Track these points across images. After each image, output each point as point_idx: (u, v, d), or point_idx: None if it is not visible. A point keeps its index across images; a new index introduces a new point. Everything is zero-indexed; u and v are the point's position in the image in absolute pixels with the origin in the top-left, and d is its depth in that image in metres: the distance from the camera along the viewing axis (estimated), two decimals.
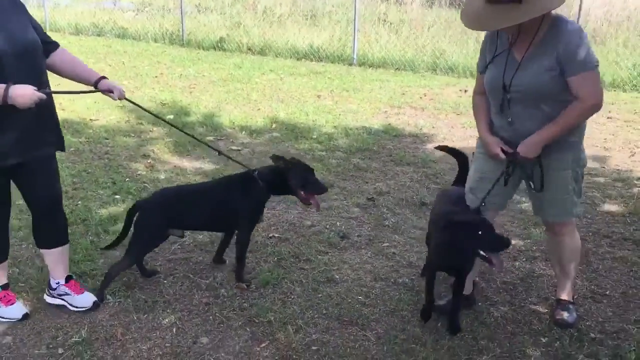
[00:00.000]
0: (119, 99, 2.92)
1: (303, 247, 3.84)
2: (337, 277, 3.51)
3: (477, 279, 3.41)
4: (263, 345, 2.87)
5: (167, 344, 2.86)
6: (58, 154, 3.04)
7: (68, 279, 3.14)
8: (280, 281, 3.42)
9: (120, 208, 4.33)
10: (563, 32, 2.54)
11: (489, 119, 2.88)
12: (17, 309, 3.02)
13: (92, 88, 2.95)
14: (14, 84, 2.47)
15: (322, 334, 2.97)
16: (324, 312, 3.15)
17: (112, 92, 2.88)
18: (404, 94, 8.54)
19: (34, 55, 2.66)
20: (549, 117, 2.64)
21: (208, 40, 12.55)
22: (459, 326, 2.99)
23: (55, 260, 3.10)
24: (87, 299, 3.09)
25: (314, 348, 2.85)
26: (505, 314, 3.17)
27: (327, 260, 3.70)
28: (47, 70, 2.84)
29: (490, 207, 2.94)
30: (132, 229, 3.28)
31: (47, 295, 3.16)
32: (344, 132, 6.52)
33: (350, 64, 10.86)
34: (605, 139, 6.48)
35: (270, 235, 4.01)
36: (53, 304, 3.14)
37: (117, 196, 4.56)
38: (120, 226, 4.02)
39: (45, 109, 2.71)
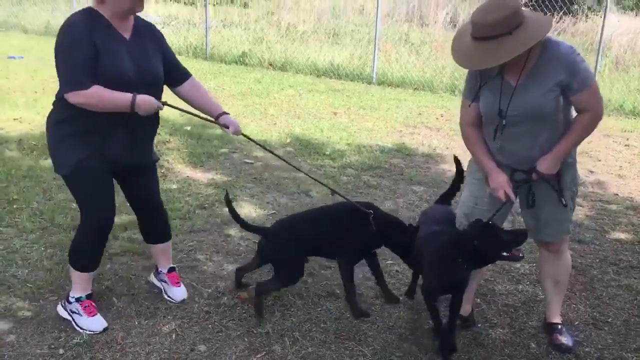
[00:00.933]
0: (235, 134, 3.06)
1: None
2: (339, 291, 3.53)
3: (478, 300, 3.41)
4: (259, 355, 2.91)
5: (165, 350, 2.91)
6: None
7: (170, 270, 3.41)
8: (282, 294, 3.46)
9: (130, 215, 4.40)
10: (559, 55, 2.59)
11: (488, 148, 2.84)
12: (98, 322, 3.04)
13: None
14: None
15: (318, 347, 2.99)
16: (322, 325, 3.18)
17: (228, 127, 3.04)
18: (420, 113, 8.57)
19: (158, 87, 2.93)
20: (542, 138, 2.68)
21: (231, 54, 12.74)
22: (454, 346, 2.99)
23: (159, 253, 3.40)
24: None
25: None
26: (503, 336, 3.17)
27: (330, 275, 3.73)
28: (177, 97, 3.14)
29: None
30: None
31: (153, 275, 3.46)
32: (357, 149, 6.57)
33: (370, 83, 10.94)
34: (620, 166, 6.43)
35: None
36: (155, 284, 3.45)
37: (127, 203, 4.64)
38: (130, 233, 4.13)
39: (155, 123, 3.02)
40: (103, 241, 3.07)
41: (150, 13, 16.86)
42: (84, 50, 2.63)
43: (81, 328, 3.02)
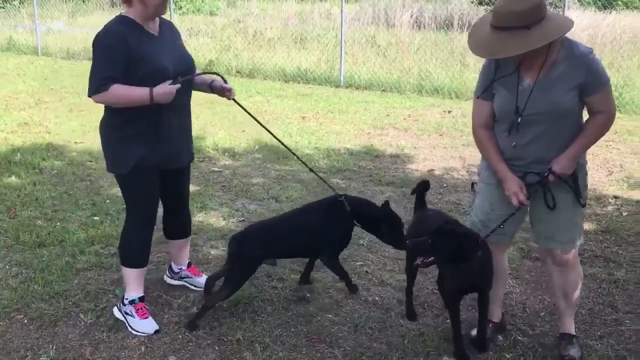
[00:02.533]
0: (229, 93, 3.22)
1: (277, 266, 3.87)
2: (309, 295, 3.55)
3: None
4: None
5: None
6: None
7: (189, 264, 3.62)
8: (252, 300, 3.46)
9: (98, 229, 4.37)
10: (579, 55, 2.59)
11: (501, 153, 2.81)
12: (150, 324, 3.16)
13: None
14: (175, 98, 2.89)
15: (289, 351, 3.00)
16: (293, 330, 3.19)
17: (226, 82, 3.22)
18: (388, 115, 8.65)
19: (191, 73, 3.09)
20: (557, 138, 2.67)
21: (197, 63, 12.63)
22: (485, 344, 3.01)
23: (179, 249, 3.54)
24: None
25: None
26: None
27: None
28: None
29: (504, 239, 2.97)
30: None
31: (168, 276, 3.61)
32: (326, 153, 6.60)
33: (337, 86, 10.99)
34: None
35: None
36: (173, 285, 3.61)
37: (95, 217, 4.61)
38: (97, 247, 4.09)
39: (188, 124, 3.23)
40: (150, 235, 3.25)
41: None
42: (112, 55, 2.82)
43: (134, 330, 3.13)
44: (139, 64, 2.84)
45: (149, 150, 3.00)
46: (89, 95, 2.87)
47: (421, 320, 3.31)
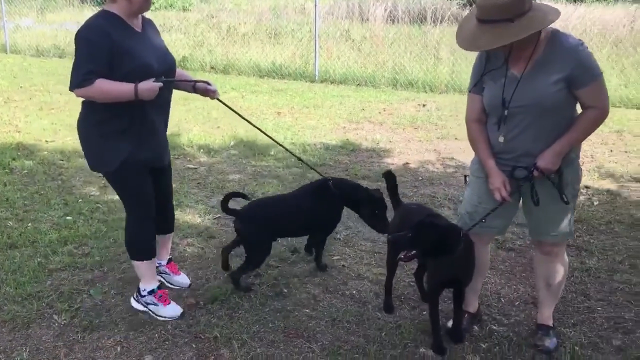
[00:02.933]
0: (213, 94, 3.27)
1: None
2: (286, 290, 3.54)
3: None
4: None
5: None
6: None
7: (169, 260, 3.62)
8: (229, 297, 3.44)
9: (71, 229, 4.31)
10: (567, 47, 2.55)
11: (490, 148, 2.82)
12: (175, 309, 3.26)
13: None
14: (158, 96, 2.92)
15: (267, 347, 3.00)
16: (270, 325, 3.18)
17: (210, 84, 3.26)
18: (363, 109, 8.66)
19: (173, 71, 3.12)
20: (544, 132, 2.65)
21: None
22: (461, 335, 3.05)
23: (162, 244, 3.52)
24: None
25: None
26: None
27: (277, 274, 3.74)
28: None
29: (489, 231, 2.97)
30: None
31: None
32: (302, 148, 6.59)
33: (312, 81, 10.98)
34: None
35: None
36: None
37: (68, 217, 4.54)
38: (70, 247, 4.03)
39: (167, 122, 3.25)
40: (152, 226, 3.25)
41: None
42: (95, 49, 2.78)
43: (161, 317, 3.22)
44: (124, 59, 2.82)
45: (136, 146, 2.99)
46: (71, 89, 2.82)
47: (398, 313, 3.33)
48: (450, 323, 3.11)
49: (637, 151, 6.62)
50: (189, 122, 7.65)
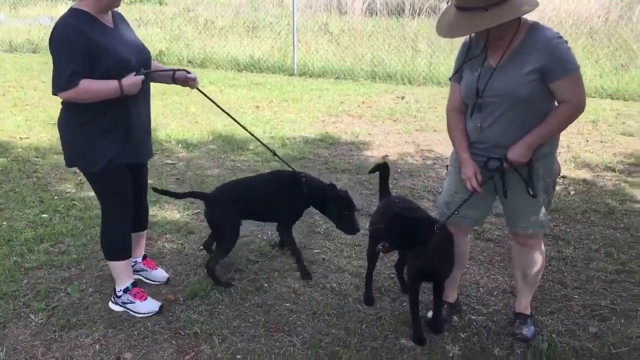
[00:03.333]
0: (193, 83, 3.32)
1: (233, 257, 3.85)
2: (266, 285, 3.54)
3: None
4: (188, 357, 2.87)
5: None
6: None
7: (144, 257, 3.59)
8: (209, 292, 3.42)
9: (47, 227, 4.25)
10: (543, 39, 2.54)
11: (467, 138, 2.83)
12: (153, 303, 3.24)
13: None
14: (139, 89, 2.91)
15: (248, 342, 2.99)
16: (251, 320, 3.17)
17: (189, 72, 3.29)
18: (342, 102, 8.66)
19: (149, 64, 3.08)
20: (516, 124, 2.64)
21: None
22: (441, 325, 3.07)
23: (136, 242, 3.45)
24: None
25: (238, 357, 2.87)
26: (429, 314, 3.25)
27: (257, 269, 3.73)
28: None
29: (465, 222, 2.97)
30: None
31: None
32: (281, 142, 6.57)
33: (291, 75, 10.94)
34: None
35: (201, 247, 4.00)
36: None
37: (44, 215, 4.47)
38: (46, 245, 3.97)
39: (149, 116, 3.22)
40: (129, 227, 3.24)
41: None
42: (74, 49, 2.72)
43: (139, 313, 3.19)
44: (101, 57, 2.77)
45: (122, 145, 2.97)
46: (55, 93, 2.77)
47: (378, 305, 3.34)
48: (430, 314, 3.14)
49: (612, 141, 6.72)
50: (167, 117, 7.57)
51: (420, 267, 2.96)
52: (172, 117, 7.64)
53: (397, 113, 7.91)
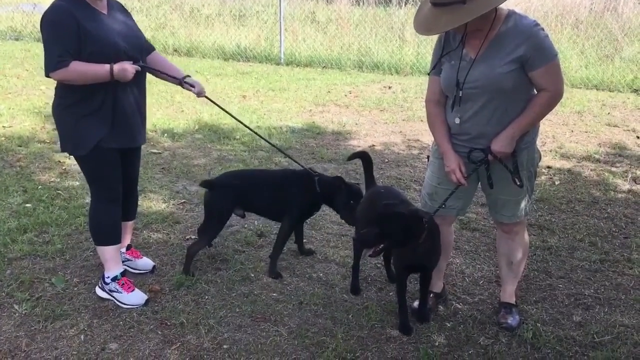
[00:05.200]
0: (198, 95, 3.22)
1: (220, 247, 3.84)
2: (253, 275, 3.53)
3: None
4: (173, 347, 2.86)
5: (74, 352, 2.80)
6: None
7: (129, 247, 3.57)
8: (195, 282, 3.41)
9: (30, 217, 4.20)
10: (521, 28, 2.53)
11: (448, 129, 2.83)
12: (139, 296, 3.22)
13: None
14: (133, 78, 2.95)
15: (234, 332, 2.98)
16: (237, 310, 3.17)
17: (194, 87, 3.20)
18: (329, 92, 8.64)
19: (143, 53, 3.11)
20: (498, 114, 2.64)
21: None
22: (427, 315, 3.08)
23: (124, 231, 3.43)
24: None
25: (225, 347, 2.86)
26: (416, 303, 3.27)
27: (244, 259, 3.72)
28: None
29: (449, 212, 2.96)
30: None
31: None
32: (268, 131, 6.54)
33: (278, 64, 10.89)
34: None
35: (187, 237, 3.98)
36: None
37: (27, 205, 4.42)
38: (30, 235, 3.93)
39: (144, 103, 3.20)
40: (118, 211, 3.23)
41: (43, 3, 15.94)
42: (63, 30, 2.77)
43: (125, 304, 3.17)
44: (87, 40, 2.81)
45: (109, 128, 2.99)
46: (47, 74, 2.81)
47: (365, 295, 3.35)
48: (416, 303, 3.15)
49: (596, 131, 6.77)
50: (152, 106, 7.50)
51: (408, 261, 2.96)
52: (157, 106, 7.58)
53: (384, 103, 7.91)
